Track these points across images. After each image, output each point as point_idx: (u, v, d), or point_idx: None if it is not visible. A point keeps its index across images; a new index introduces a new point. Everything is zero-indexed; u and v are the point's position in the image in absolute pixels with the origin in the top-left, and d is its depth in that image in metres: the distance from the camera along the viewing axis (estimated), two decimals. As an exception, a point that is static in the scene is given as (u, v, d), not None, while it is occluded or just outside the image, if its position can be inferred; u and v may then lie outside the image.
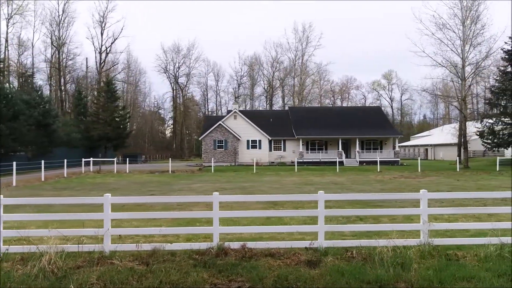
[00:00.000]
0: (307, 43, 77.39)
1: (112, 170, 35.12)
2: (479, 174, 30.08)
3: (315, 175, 29.54)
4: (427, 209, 7.53)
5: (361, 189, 19.43)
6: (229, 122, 43.50)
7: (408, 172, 33.08)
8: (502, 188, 19.81)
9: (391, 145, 44.40)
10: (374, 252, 7.17)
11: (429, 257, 7.16)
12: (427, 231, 7.49)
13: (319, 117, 46.07)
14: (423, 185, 21.24)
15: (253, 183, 23.27)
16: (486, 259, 6.93)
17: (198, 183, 23.12)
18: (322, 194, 7.52)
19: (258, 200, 12.55)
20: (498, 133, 43.96)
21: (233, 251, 7.32)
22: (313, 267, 6.82)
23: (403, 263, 6.80)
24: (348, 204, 12.75)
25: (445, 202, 13.45)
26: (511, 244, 7.35)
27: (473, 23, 38.66)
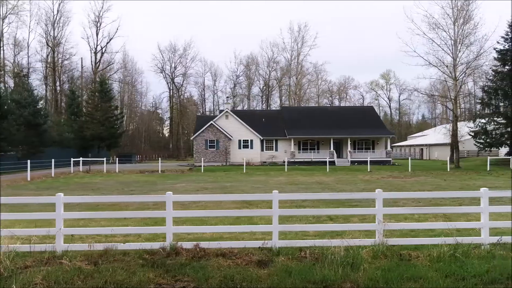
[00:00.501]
0: (303, 43, 77.48)
1: (102, 170, 35.05)
2: (468, 174, 30.02)
3: (304, 175, 29.47)
4: (382, 209, 7.47)
5: (342, 188, 19.38)
6: (221, 122, 43.44)
7: (398, 172, 33.02)
8: (487, 187, 19.74)
9: (383, 145, 44.33)
10: (327, 252, 7.12)
11: (382, 257, 7.10)
12: (382, 231, 7.44)
13: (312, 117, 46.00)
14: (407, 185, 21.19)
15: (238, 183, 23.21)
16: (438, 260, 6.88)
17: (182, 183, 23.06)
18: (276, 194, 7.46)
19: (212, 199, 12.44)
20: (491, 133, 43.94)
21: (185, 251, 7.26)
22: (263, 267, 6.76)
23: (353, 263, 6.75)
24: (324, 204, 12.69)
25: (422, 201, 13.41)
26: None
27: (464, 22, 38.60)
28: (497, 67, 44.69)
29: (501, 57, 44.31)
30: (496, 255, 7.05)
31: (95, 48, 72.92)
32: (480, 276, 6.23)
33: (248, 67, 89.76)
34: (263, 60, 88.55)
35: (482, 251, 7.18)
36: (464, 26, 39.10)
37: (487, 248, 7.34)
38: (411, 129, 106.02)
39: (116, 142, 54.59)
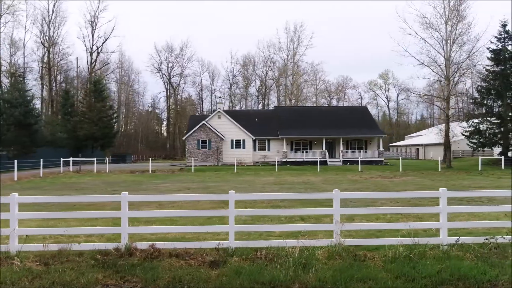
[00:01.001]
0: (299, 42, 77.37)
1: (93, 170, 35.01)
2: (458, 174, 29.95)
3: (293, 175, 29.41)
4: (339, 209, 7.41)
5: (325, 188, 19.32)
6: (213, 121, 43.37)
7: (389, 172, 32.96)
8: (471, 187, 19.69)
9: (376, 145, 44.26)
10: (282, 252, 7.07)
11: (337, 257, 7.03)
12: (339, 231, 7.38)
13: (305, 117, 45.92)
14: (391, 185, 21.14)
15: (224, 183, 23.15)
16: (393, 260, 6.82)
17: (167, 183, 23.01)
18: (232, 194, 7.40)
19: (170, 199, 12.26)
20: (484, 133, 43.88)
21: (139, 252, 7.20)
22: (215, 268, 6.71)
23: (305, 263, 6.69)
24: (301, 204, 12.62)
25: (397, 201, 13.34)
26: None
27: (457, 22, 38.54)
28: (490, 67, 44.63)
29: (494, 57, 44.27)
30: (452, 256, 6.99)
31: (90, 48, 72.88)
32: (431, 277, 6.17)
33: (245, 67, 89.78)
34: (260, 60, 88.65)
35: (439, 252, 7.11)
36: (456, 26, 39.07)
37: (445, 248, 7.27)
38: (409, 129, 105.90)
39: (110, 142, 54.53)
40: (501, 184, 21.33)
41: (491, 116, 43.82)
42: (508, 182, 22.46)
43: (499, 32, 44.21)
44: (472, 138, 45.00)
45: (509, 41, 43.77)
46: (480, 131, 44.20)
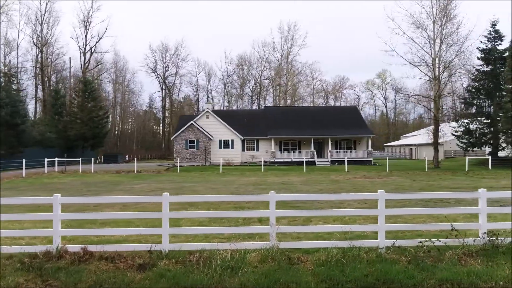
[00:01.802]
0: (292, 42, 77.27)
1: (79, 170, 34.90)
2: (443, 174, 29.81)
3: (277, 176, 29.29)
4: (275, 211, 7.29)
5: (300, 189, 19.20)
6: (202, 121, 43.22)
7: (375, 172, 32.83)
8: (449, 188, 19.53)
9: (365, 145, 44.11)
10: (215, 255, 6.95)
11: (270, 260, 6.91)
12: (275, 233, 7.25)
13: (295, 117, 45.78)
14: (371, 186, 21.00)
15: (203, 183, 23.02)
16: (324, 263, 6.70)
17: (145, 184, 22.87)
18: (166, 196, 7.27)
19: (98, 202, 11.81)
20: (474, 133, 43.80)
21: (69, 255, 7.07)
22: (142, 271, 6.60)
23: (234, 267, 6.58)
24: (264, 205, 12.50)
25: (367, 203, 13.22)
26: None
27: (446, 22, 38.41)
28: (480, 67, 44.54)
29: (484, 57, 44.17)
30: (386, 259, 6.87)
31: (84, 48, 72.80)
32: (357, 281, 6.06)
33: (240, 66, 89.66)
34: (255, 60, 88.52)
35: (374, 255, 6.98)
36: (444, 25, 38.94)
37: (382, 251, 7.15)
38: (407, 128, 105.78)
39: (101, 142, 54.42)
40: (480, 184, 21.18)
41: (481, 116, 43.73)
42: (489, 182, 22.36)
43: (489, 32, 44.11)
44: (462, 138, 44.92)
45: (498, 41, 43.70)
46: (470, 131, 44.12)
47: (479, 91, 44.16)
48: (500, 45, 43.56)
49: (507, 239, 7.22)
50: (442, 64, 39.74)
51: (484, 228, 7.28)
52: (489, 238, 7.14)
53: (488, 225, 7.37)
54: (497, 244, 7.12)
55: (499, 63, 42.69)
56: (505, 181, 23.31)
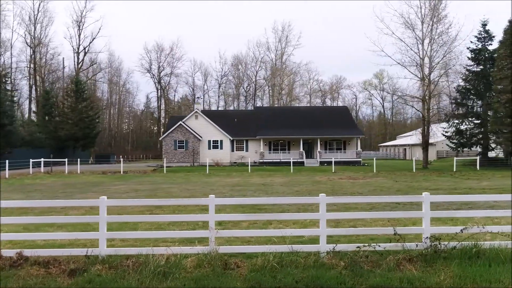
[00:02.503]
0: (287, 42, 77.16)
1: (68, 170, 34.79)
2: (430, 175, 29.68)
3: (262, 176, 29.16)
4: (214, 216, 7.15)
5: (276, 190, 19.06)
6: (190, 122, 43.07)
7: (362, 173, 32.74)
8: (429, 188, 19.38)
9: (354, 145, 43.96)
10: (150, 260, 6.82)
11: (206, 266, 6.77)
12: (214, 238, 7.12)
13: (285, 117, 45.64)
14: (350, 187, 20.89)
15: (184, 185, 22.87)
16: (259, 269, 6.56)
17: (124, 185, 22.71)
18: (103, 200, 7.13)
19: (38, 206, 11.39)
20: (465, 133, 43.71)
21: (2, 260, 6.94)
22: (72, 277, 6.47)
23: (166, 272, 6.45)
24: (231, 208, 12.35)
25: (336, 206, 13.08)
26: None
27: (435, 22, 38.32)
28: (471, 67, 44.45)
29: (474, 57, 44.10)
30: (324, 264, 6.73)
31: (77, 48, 72.64)
32: (286, 287, 5.94)
33: (236, 66, 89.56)
34: (249, 60, 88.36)
35: (312, 260, 6.84)
36: (433, 26, 38.85)
37: (322, 256, 7.01)
38: (404, 128, 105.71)
39: (92, 142, 54.24)
40: (460, 185, 21.11)
41: (471, 117, 43.65)
42: (470, 184, 22.25)
43: (479, 32, 44.07)
44: (453, 139, 44.85)
45: (489, 41, 43.64)
46: (461, 131, 44.05)
47: (470, 92, 44.08)
48: (491, 45, 43.54)
49: (451, 244, 7.08)
50: (429, 64, 39.62)
51: (427, 233, 7.15)
52: (431, 243, 7.01)
53: (431, 230, 7.23)
54: (439, 249, 6.98)
55: (489, 63, 42.61)
56: (487, 182, 23.22)
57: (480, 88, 43.18)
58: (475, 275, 6.16)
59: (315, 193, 17.93)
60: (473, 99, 44.15)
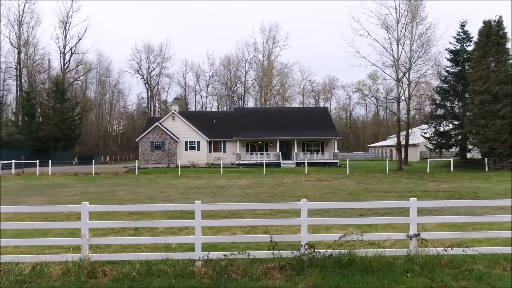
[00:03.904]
0: (274, 43, 77.09)
1: (44, 171, 34.67)
2: (399, 177, 29.59)
3: (230, 178, 29.04)
4: (87, 223, 7.02)
5: (232, 193, 18.95)
6: (167, 123, 42.91)
7: (335, 174, 32.66)
8: (385, 191, 19.28)
9: (332, 146, 43.85)
10: (16, 268, 6.69)
11: (73, 274, 6.65)
12: (87, 245, 6.99)
13: (264, 118, 45.50)
14: (306, 189, 20.78)
15: (138, 187, 22.71)
16: (125, 277, 6.45)
17: (82, 187, 22.57)
18: None
19: None
20: (445, 134, 43.70)
21: None
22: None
23: (25, 281, 6.33)
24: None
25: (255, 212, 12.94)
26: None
27: (407, 23, 38.29)
28: (450, 68, 44.43)
29: (453, 58, 44.08)
30: (194, 273, 6.61)
31: (63, 49, 72.41)
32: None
33: (225, 67, 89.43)
34: (238, 61, 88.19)
35: (180, 268, 6.71)
36: (412, 27, 38.84)
37: (197, 264, 6.89)
38: (399, 129, 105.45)
39: (73, 143, 54.02)
40: (418, 188, 21.01)
41: (450, 118, 43.61)
42: (429, 186, 22.17)
43: (458, 33, 44.05)
44: (432, 140, 44.82)
45: (467, 42, 43.62)
46: (440, 132, 44.04)
47: (449, 93, 44.07)
48: (469, 46, 43.47)
49: (328, 252, 6.97)
50: (409, 65, 39.64)
51: (305, 240, 7.03)
52: (305, 250, 6.89)
53: (309, 237, 7.12)
54: (314, 257, 6.87)
55: (468, 64, 42.57)
56: (447, 184, 23.15)
57: (459, 89, 43.18)
58: (332, 284, 6.06)
59: (264, 196, 17.83)
60: (451, 100, 44.14)
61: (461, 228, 9.55)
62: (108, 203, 15.00)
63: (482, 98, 34.96)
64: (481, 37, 36.53)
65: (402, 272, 6.51)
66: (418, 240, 7.12)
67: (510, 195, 17.04)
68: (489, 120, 34.62)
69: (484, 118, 34.93)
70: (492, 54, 35.52)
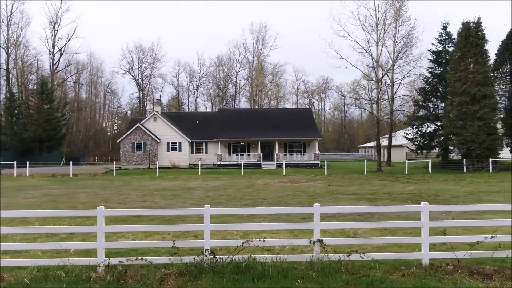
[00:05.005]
0: (263, 43, 77.17)
1: (23, 173, 34.64)
2: (373, 178, 29.65)
3: (205, 180, 29.06)
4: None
5: (183, 195, 18.97)
6: (149, 124, 42.90)
7: (313, 175, 32.69)
8: (346, 193, 19.33)
9: (314, 147, 43.91)
10: None
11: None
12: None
13: (247, 119, 45.53)
14: (272, 191, 20.81)
15: (100, 190, 22.74)
16: (15, 283, 6.47)
17: (47, 190, 22.56)
18: None
19: None
20: (427, 135, 43.82)
21: None
22: None
23: None
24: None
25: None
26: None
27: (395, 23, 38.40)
28: (432, 69, 44.55)
29: (435, 59, 44.20)
30: (93, 278, 6.63)
31: (52, 49, 72.25)
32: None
33: (216, 67, 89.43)
34: (230, 61, 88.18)
35: (75, 274, 6.71)
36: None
37: (100, 269, 6.91)
38: (395, 129, 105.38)
39: (58, 144, 53.93)
40: (382, 190, 21.07)
41: (432, 119, 43.73)
42: (395, 188, 22.24)
43: (440, 34, 44.18)
44: (414, 141, 44.92)
45: (449, 43, 43.73)
46: (423, 133, 44.17)
47: (431, 94, 44.19)
48: (451, 47, 43.55)
49: (230, 257, 7.00)
50: (392, 66, 39.78)
51: (208, 245, 7.07)
52: (204, 256, 6.93)
53: (212, 242, 7.16)
54: (214, 263, 6.91)
55: (450, 65, 42.64)
56: (414, 186, 23.23)
57: (441, 90, 43.29)
58: (217, 290, 6.10)
59: (221, 199, 17.86)
60: (433, 102, 44.28)
61: (391, 233, 9.62)
62: (63, 206, 15.07)
63: (460, 99, 35.05)
64: (460, 39, 36.62)
65: (296, 278, 6.55)
66: (321, 246, 7.16)
67: (475, 197, 17.14)
68: (467, 122, 34.71)
69: (462, 120, 35.02)
70: (470, 55, 35.61)
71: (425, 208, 7.32)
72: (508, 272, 6.92)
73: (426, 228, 7.29)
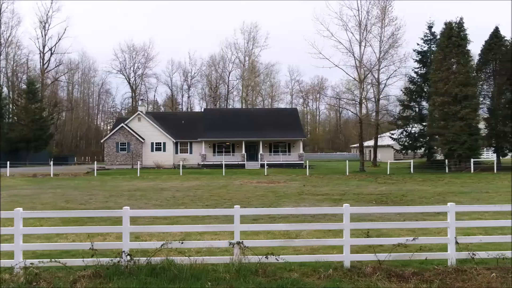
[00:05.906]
0: (254, 43, 77.17)
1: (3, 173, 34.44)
2: (352, 179, 29.69)
3: (183, 180, 29.06)
4: None
5: (149, 196, 18.93)
6: (133, 124, 42.82)
7: (294, 176, 32.72)
8: (317, 193, 19.33)
9: (299, 147, 43.92)
10: None
11: None
12: None
13: (233, 119, 45.50)
14: (239, 192, 20.81)
15: (70, 191, 22.69)
16: None
17: (18, 190, 22.50)
18: None
19: None
20: (413, 135, 43.93)
21: None
22: None
23: None
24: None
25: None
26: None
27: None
28: (418, 69, 44.67)
29: (420, 59, 44.31)
30: (6, 280, 6.61)
31: (42, 49, 72.05)
32: None
33: (208, 67, 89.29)
34: (222, 61, 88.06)
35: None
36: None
37: (17, 271, 6.88)
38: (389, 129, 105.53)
39: (45, 144, 53.77)
40: (353, 191, 21.08)
41: (417, 119, 43.83)
42: (366, 189, 22.27)
43: (425, 34, 44.29)
44: (400, 141, 45.04)
45: (434, 43, 43.81)
46: (408, 133, 44.29)
47: (416, 94, 44.31)
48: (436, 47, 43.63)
49: (149, 259, 6.98)
50: (378, 66, 39.84)
51: (127, 247, 7.05)
52: (120, 258, 6.91)
53: (131, 245, 7.15)
54: (130, 265, 6.89)
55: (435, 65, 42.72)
56: (388, 187, 23.28)
57: (425, 90, 43.38)
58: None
59: (186, 199, 17.84)
60: (418, 102, 44.40)
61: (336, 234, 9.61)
62: (19, 206, 14.99)
63: (442, 99, 35.14)
64: (442, 39, 36.72)
65: (208, 281, 6.53)
66: (241, 248, 7.14)
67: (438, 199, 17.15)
68: (449, 122, 34.81)
69: (445, 120, 35.12)
70: (452, 55, 35.70)
71: (346, 210, 7.33)
72: (427, 275, 6.94)
73: (348, 229, 7.30)
